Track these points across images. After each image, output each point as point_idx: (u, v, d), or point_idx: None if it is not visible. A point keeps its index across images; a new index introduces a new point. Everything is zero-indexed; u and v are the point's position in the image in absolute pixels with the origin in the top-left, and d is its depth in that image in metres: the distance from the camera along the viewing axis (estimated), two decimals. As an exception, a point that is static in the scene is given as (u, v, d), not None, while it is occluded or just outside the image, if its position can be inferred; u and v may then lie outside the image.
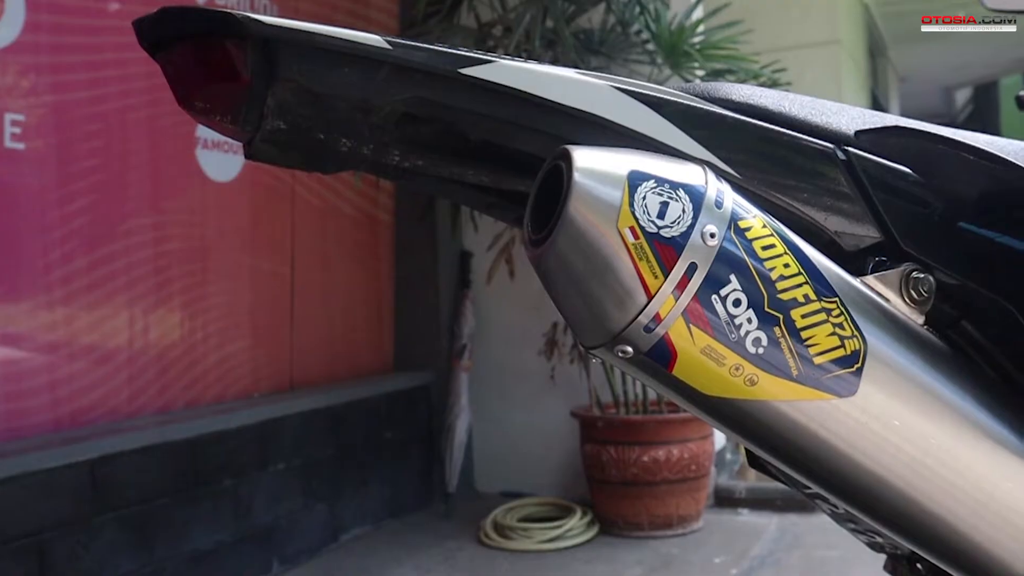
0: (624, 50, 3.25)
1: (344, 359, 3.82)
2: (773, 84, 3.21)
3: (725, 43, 3.18)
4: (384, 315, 4.07)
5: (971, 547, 0.65)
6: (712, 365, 0.57)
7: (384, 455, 3.73)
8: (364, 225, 3.95)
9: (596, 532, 3.44)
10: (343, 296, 3.83)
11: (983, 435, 0.64)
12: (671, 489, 3.32)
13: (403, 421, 3.87)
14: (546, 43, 3.08)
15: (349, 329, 3.88)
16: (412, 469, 3.89)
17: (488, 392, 3.97)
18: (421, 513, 3.85)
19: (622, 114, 0.64)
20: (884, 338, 0.62)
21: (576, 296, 0.58)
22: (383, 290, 4.07)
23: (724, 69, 3.15)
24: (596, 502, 3.50)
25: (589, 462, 3.46)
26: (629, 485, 3.33)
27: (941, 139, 0.67)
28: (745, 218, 0.58)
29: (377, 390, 3.78)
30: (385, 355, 4.06)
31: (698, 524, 3.43)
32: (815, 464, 0.62)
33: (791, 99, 0.72)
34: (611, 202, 0.56)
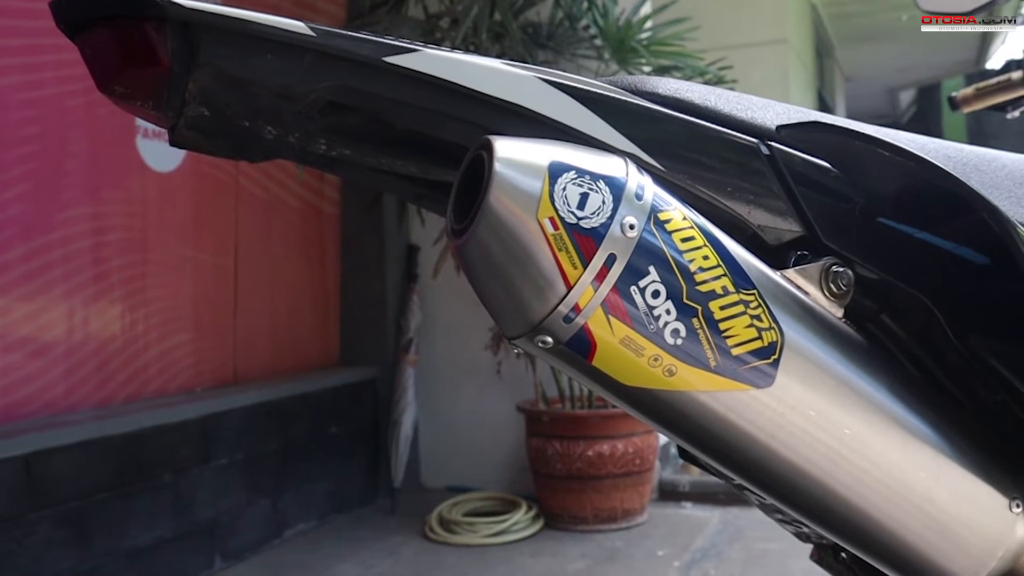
0: (572, 45, 3.25)
1: (289, 353, 3.79)
2: (719, 81, 3.24)
3: (672, 40, 3.20)
4: (330, 309, 4.04)
5: (886, 536, 0.66)
6: (631, 356, 0.58)
7: (329, 450, 3.70)
8: (309, 217, 3.91)
9: (541, 526, 3.45)
10: (288, 289, 3.79)
11: (898, 426, 0.65)
12: (616, 483, 3.34)
13: (348, 416, 3.85)
14: (494, 36, 3.08)
15: (294, 323, 3.84)
16: (357, 464, 3.87)
17: (434, 387, 3.96)
18: (366, 508, 3.83)
19: (547, 105, 0.64)
20: (801, 330, 0.62)
21: (497, 286, 0.58)
22: (329, 283, 4.04)
23: (671, 65, 3.17)
24: (541, 496, 3.51)
25: (534, 456, 3.47)
26: (574, 479, 3.35)
27: (858, 135, 0.68)
28: (665, 210, 0.59)
29: (322, 384, 3.75)
30: (330, 349, 4.03)
31: (642, 518, 3.46)
32: (734, 454, 0.63)
33: (717, 94, 0.72)
34: (531, 192, 0.56)
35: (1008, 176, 0.82)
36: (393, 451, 3.79)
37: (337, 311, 4.07)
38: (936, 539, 0.67)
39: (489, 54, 3.07)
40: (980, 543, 0.68)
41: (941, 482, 0.66)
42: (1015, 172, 0.83)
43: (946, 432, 0.68)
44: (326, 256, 4.01)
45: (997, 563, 0.68)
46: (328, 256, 4.02)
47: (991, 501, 0.68)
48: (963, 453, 0.68)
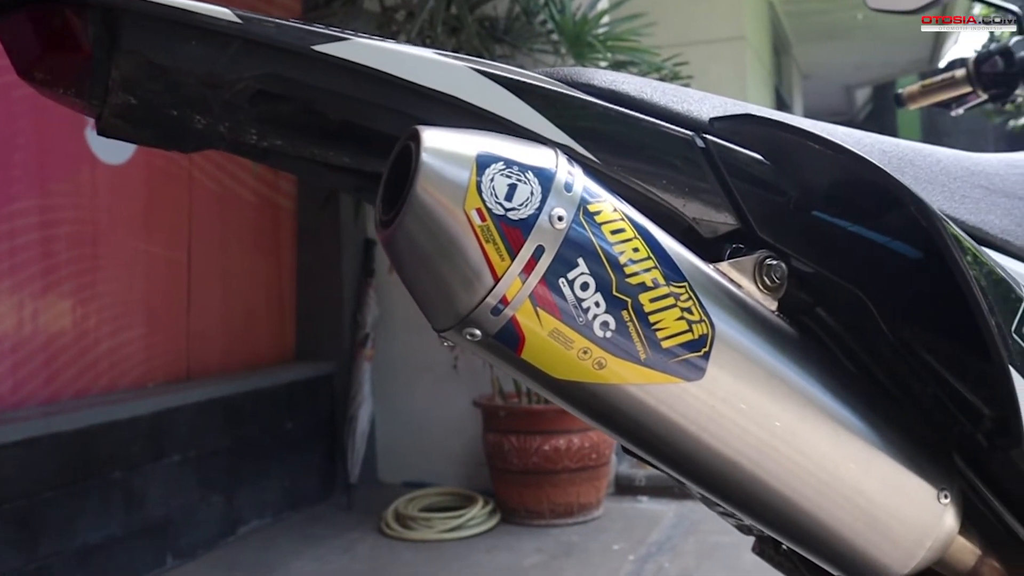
0: (529, 39, 3.25)
1: (243, 348, 3.75)
2: (674, 77, 3.26)
3: (628, 35, 3.21)
4: (285, 303, 4.00)
5: (816, 527, 0.67)
6: (560, 348, 0.57)
7: (284, 446, 3.67)
8: (265, 211, 3.87)
9: (498, 521, 3.45)
10: (243, 284, 3.75)
11: (829, 418, 0.66)
12: (572, 478, 3.35)
13: (304, 411, 3.82)
14: (449, 30, 3.06)
15: (249, 318, 3.80)
16: (313, 460, 3.84)
17: (391, 382, 3.94)
18: (322, 505, 3.80)
19: (480, 96, 0.63)
20: (732, 323, 0.62)
21: (425, 278, 0.57)
22: (284, 278, 4.00)
23: (627, 61, 3.17)
24: (498, 491, 3.51)
25: (491, 451, 3.46)
26: (531, 474, 3.35)
27: (789, 128, 0.68)
28: (595, 202, 0.58)
29: (277, 380, 3.71)
30: (286, 344, 4.00)
31: (598, 512, 3.47)
32: (665, 447, 0.63)
33: (653, 86, 0.72)
34: (458, 183, 0.55)
35: (943, 171, 0.83)
36: (349, 447, 3.77)
37: (293, 306, 4.04)
38: (866, 530, 0.67)
39: (445, 48, 3.05)
40: (909, 534, 0.68)
41: (871, 474, 0.67)
42: (950, 167, 0.84)
43: (877, 424, 0.68)
44: (282, 250, 3.98)
45: (926, 553, 0.69)
46: (284, 250, 3.98)
47: (920, 492, 0.68)
48: (893, 445, 0.68)
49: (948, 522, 0.70)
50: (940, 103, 1.64)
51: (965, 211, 0.80)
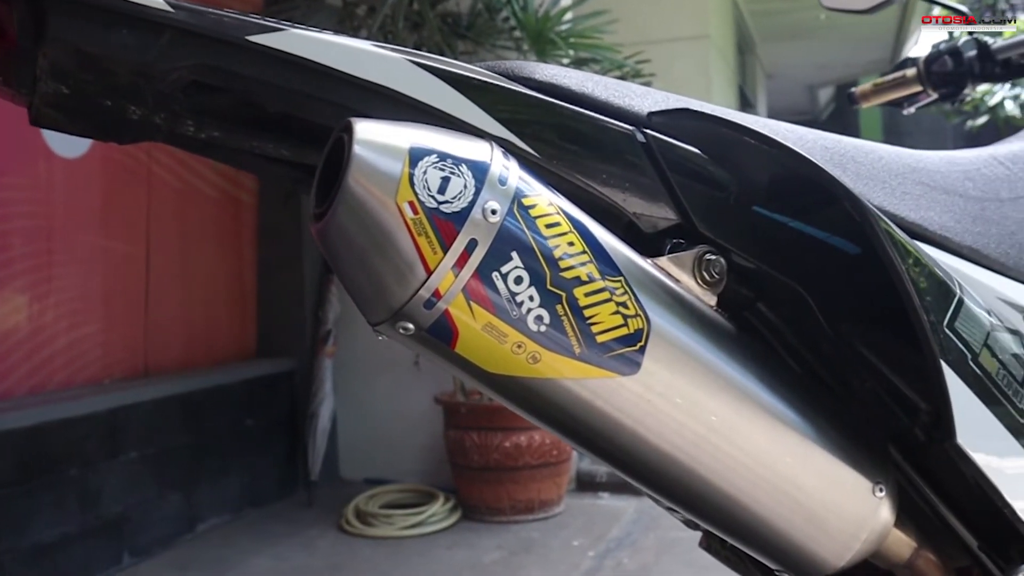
0: (491, 36, 3.24)
1: (203, 344, 3.71)
2: (636, 75, 3.27)
3: (590, 32, 3.21)
4: (246, 300, 3.97)
5: (753, 520, 0.67)
6: (494, 342, 0.57)
7: (244, 443, 3.64)
8: (225, 206, 3.84)
9: (458, 518, 3.45)
10: (202, 280, 3.72)
11: (766, 412, 0.66)
12: (533, 474, 3.35)
13: (265, 408, 3.79)
14: (411, 25, 3.05)
15: (209, 314, 3.76)
16: (274, 457, 3.81)
17: (353, 378, 3.92)
18: (283, 502, 3.78)
19: (418, 89, 0.62)
20: (669, 317, 0.62)
21: (357, 271, 0.57)
22: (245, 274, 3.96)
23: (588, 58, 3.18)
24: (459, 488, 3.51)
25: (452, 448, 3.46)
26: (491, 471, 3.35)
27: (726, 123, 0.68)
28: (530, 196, 0.58)
29: (238, 376, 3.69)
30: (247, 340, 3.96)
31: (559, 508, 3.48)
32: (602, 441, 0.63)
33: (595, 80, 0.72)
34: (390, 175, 0.55)
35: (884, 168, 0.83)
36: (310, 444, 3.75)
37: (254, 302, 4.01)
38: (802, 523, 0.67)
39: (406, 44, 3.04)
40: (845, 527, 0.69)
41: (807, 467, 0.67)
42: (891, 165, 0.85)
43: (814, 418, 0.68)
44: (243, 246, 3.94)
45: (861, 546, 0.70)
46: (245, 246, 3.95)
47: (856, 486, 0.69)
48: (830, 439, 0.69)
49: (883, 515, 0.70)
50: (892, 102, 1.66)
51: (905, 208, 0.81)
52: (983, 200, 0.90)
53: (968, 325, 0.69)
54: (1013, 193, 0.93)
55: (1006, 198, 0.92)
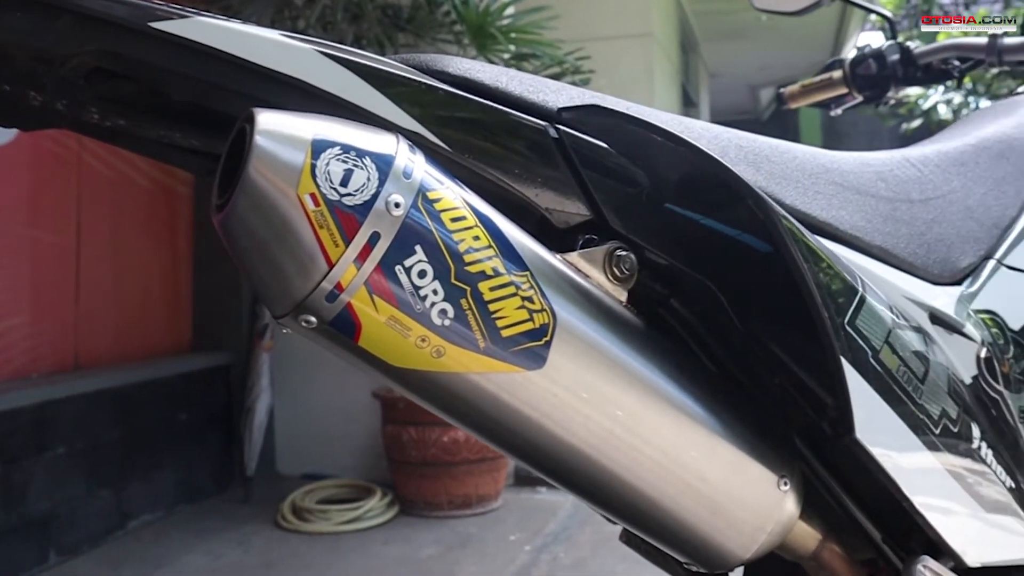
0: (432, 29, 3.23)
1: (136, 338, 3.64)
2: (576, 72, 3.28)
3: (531, 28, 3.21)
4: (181, 292, 3.91)
5: (659, 513, 0.68)
6: (397, 336, 0.57)
7: (178, 438, 3.59)
8: (160, 197, 3.77)
9: (396, 513, 3.44)
10: (136, 272, 3.65)
11: (672, 406, 0.66)
12: (471, 469, 3.35)
13: (200, 402, 3.74)
14: (351, 17, 3.02)
15: (142, 306, 3.70)
16: (209, 452, 3.76)
17: (290, 373, 3.88)
18: (218, 498, 3.73)
19: (327, 80, 0.62)
20: (575, 312, 0.63)
21: (258, 263, 0.56)
22: (181, 266, 3.90)
23: (529, 53, 3.18)
24: (397, 483, 3.50)
25: (390, 443, 3.45)
26: (429, 466, 3.35)
27: (634, 120, 0.68)
28: (435, 189, 0.58)
29: (172, 370, 3.63)
30: (182, 334, 3.90)
31: (497, 503, 3.49)
32: (508, 435, 0.63)
33: (510, 75, 0.72)
34: (292, 167, 0.54)
35: (798, 168, 0.85)
36: (246, 439, 3.71)
37: (189, 295, 3.94)
38: (708, 516, 0.68)
39: (345, 35, 3.02)
40: (750, 519, 0.70)
41: (713, 461, 0.68)
42: (805, 164, 0.86)
43: (721, 413, 0.69)
44: (178, 237, 3.88)
45: (767, 537, 0.71)
46: (180, 237, 3.88)
47: (761, 479, 0.70)
48: (736, 433, 0.70)
49: (788, 508, 0.71)
50: (819, 103, 1.69)
51: (817, 207, 0.82)
52: (894, 201, 0.92)
53: (869, 323, 0.71)
54: (923, 194, 0.96)
55: (916, 199, 0.95)
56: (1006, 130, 1.09)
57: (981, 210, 0.99)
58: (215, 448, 3.79)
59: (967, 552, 0.78)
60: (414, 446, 3.34)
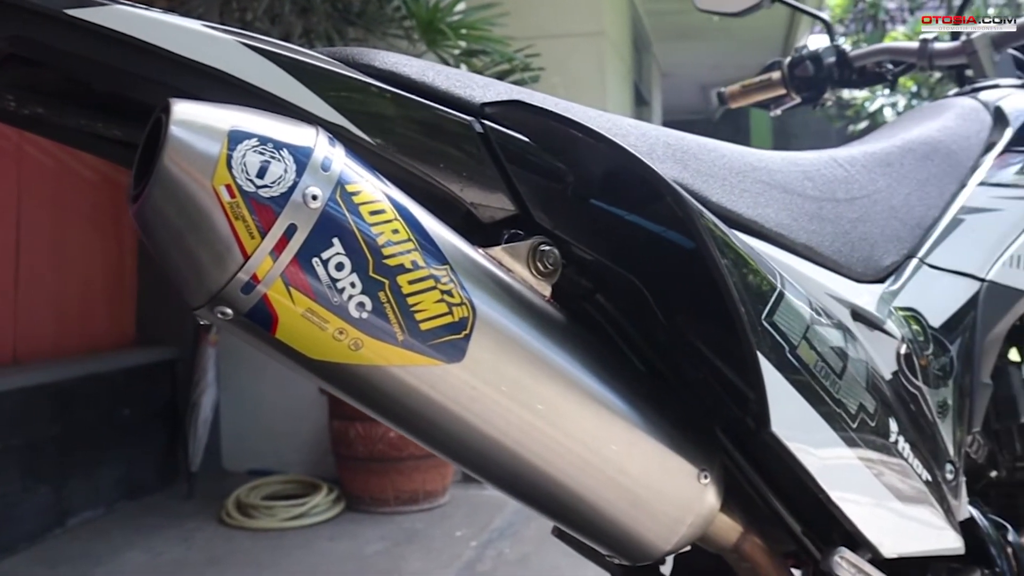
0: (382, 24, 3.21)
1: (78, 331, 3.58)
2: (525, 68, 3.28)
3: (481, 24, 3.21)
4: (125, 285, 3.84)
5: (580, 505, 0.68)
6: (315, 328, 0.57)
7: (121, 434, 3.53)
8: (104, 189, 3.70)
9: (342, 509, 3.42)
10: (78, 264, 3.58)
11: (593, 400, 0.67)
12: (417, 465, 3.35)
13: (143, 397, 3.68)
14: (299, 10, 3.00)
15: (84, 299, 3.63)
16: (152, 448, 3.71)
17: (236, 368, 3.84)
18: (161, 494, 3.68)
19: (249, 71, 0.61)
20: (496, 306, 0.63)
21: (175, 254, 0.56)
22: (125, 258, 3.84)
23: (479, 50, 3.18)
24: (343, 478, 3.48)
25: (337, 438, 3.43)
26: (376, 461, 3.34)
27: (554, 116, 0.69)
28: (354, 182, 0.58)
29: (115, 365, 3.57)
30: (125, 328, 3.84)
31: (444, 499, 3.49)
32: (429, 428, 0.63)
33: (436, 70, 0.72)
34: (207, 158, 0.54)
35: (725, 166, 0.86)
36: (191, 434, 3.65)
37: (134, 288, 3.88)
38: (628, 508, 0.69)
39: (294, 29, 2.99)
40: (670, 511, 0.71)
41: (633, 454, 0.69)
42: (733, 162, 0.88)
43: (642, 407, 0.70)
44: (122, 229, 3.81)
45: (687, 530, 0.72)
46: (124, 229, 3.82)
47: (681, 472, 0.71)
48: (657, 427, 0.71)
49: (709, 500, 0.73)
50: (759, 103, 1.71)
51: (743, 204, 0.84)
52: (820, 199, 0.94)
53: (788, 319, 0.72)
54: (849, 194, 0.98)
55: (842, 198, 0.96)
56: (931, 132, 1.12)
57: (905, 210, 1.01)
58: (159, 444, 3.74)
59: (883, 543, 0.80)
60: (361, 442, 3.33)
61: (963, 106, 1.20)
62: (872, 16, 9.13)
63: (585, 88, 5.83)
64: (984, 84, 1.31)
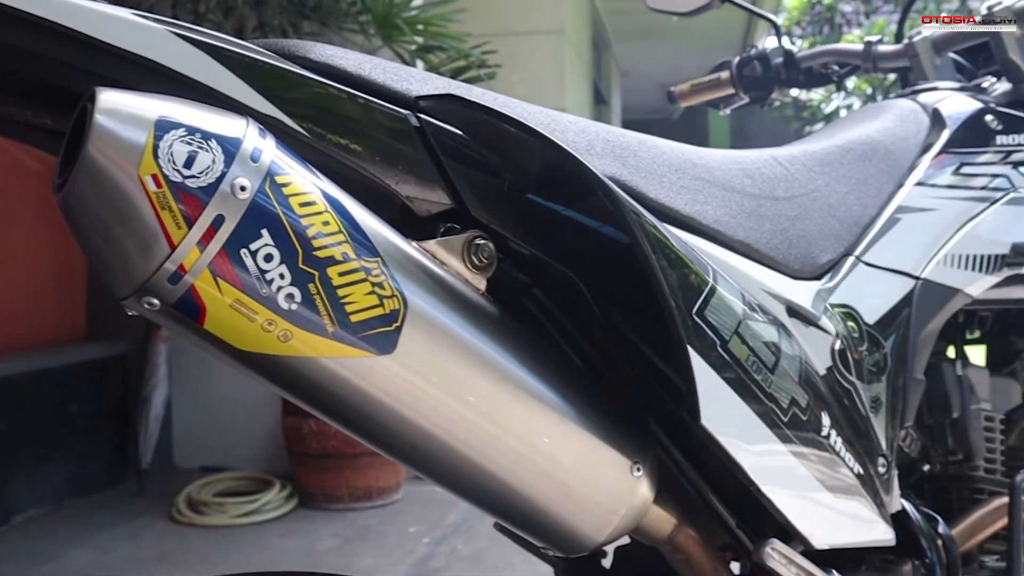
0: (337, 18, 3.20)
1: (26, 326, 3.52)
2: (482, 65, 3.28)
3: (437, 20, 3.21)
4: (75, 280, 3.79)
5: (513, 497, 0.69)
6: (243, 319, 0.57)
7: (69, 430, 3.48)
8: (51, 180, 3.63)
9: (295, 505, 3.40)
10: (26, 257, 3.52)
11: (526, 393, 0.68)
12: (371, 461, 3.34)
13: (93, 393, 3.63)
14: (253, 3, 2.97)
15: (33, 293, 3.57)
16: (102, 445, 3.66)
17: (189, 363, 3.80)
18: (111, 491, 3.64)
19: (181, 62, 0.61)
20: (428, 299, 0.63)
21: (100, 244, 0.56)
22: (75, 253, 3.77)
23: (435, 45, 3.18)
24: (296, 475, 3.46)
25: (290, 435, 3.41)
26: (329, 458, 3.32)
27: (487, 110, 0.69)
28: (284, 174, 0.58)
29: (64, 360, 3.52)
30: (75, 322, 3.78)
31: (398, 495, 3.48)
32: (360, 419, 0.63)
33: (374, 63, 0.72)
34: (133, 147, 0.54)
35: (664, 163, 0.87)
36: (142, 430, 3.62)
37: (84, 282, 3.82)
38: (561, 499, 0.70)
39: (247, 22, 2.96)
40: (603, 503, 0.72)
41: (566, 446, 0.69)
42: (673, 159, 0.89)
43: (575, 400, 0.71)
44: (72, 223, 3.75)
45: (621, 521, 0.73)
46: (74, 223, 3.76)
47: (614, 465, 0.72)
48: (590, 420, 0.71)
49: (642, 493, 0.73)
50: (708, 102, 1.73)
51: (681, 201, 0.85)
52: (759, 197, 0.95)
53: (719, 313, 0.73)
54: (788, 192, 0.99)
55: (781, 196, 0.98)
56: (871, 133, 1.14)
57: (843, 209, 1.03)
58: (109, 440, 3.69)
59: (814, 535, 0.81)
60: (314, 438, 3.31)
61: (902, 108, 1.22)
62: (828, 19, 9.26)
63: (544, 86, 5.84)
64: (924, 87, 1.34)
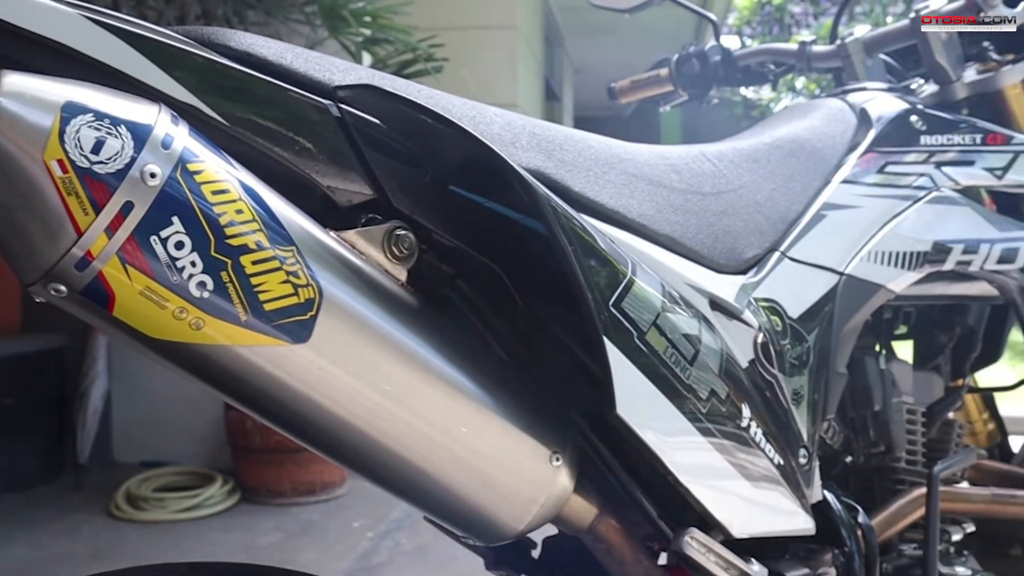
0: (283, 9, 3.17)
1: (-40, 318, 3.45)
2: (429, 59, 3.27)
3: (385, 12, 3.19)
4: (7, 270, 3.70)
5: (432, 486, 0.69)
6: (154, 307, 0.56)
7: (4, 424, 3.41)
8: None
9: (237, 500, 3.37)
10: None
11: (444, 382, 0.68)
12: (315, 456, 3.25)
13: (29, 387, 3.56)
14: (197, -9, 2.94)
15: (-33, 284, 3.50)
16: (38, 439, 3.59)
17: (129, 357, 3.74)
18: (47, 487, 3.57)
19: (93, 46, 0.60)
20: (344, 288, 0.63)
21: (5, 229, 0.55)
22: (11, 243, 3.70)
23: (381, 38, 3.16)
24: (239, 470, 3.43)
25: (233, 429, 3.37)
26: (272, 452, 3.29)
27: (404, 101, 0.69)
28: (197, 161, 0.58)
29: (-1, 352, 3.45)
30: (10, 314, 3.70)
31: (342, 490, 3.47)
32: (276, 408, 0.63)
33: (296, 52, 0.71)
34: (38, 131, 0.53)
35: (591, 157, 0.88)
36: (79, 425, 3.56)
37: (20, 273, 3.74)
38: (479, 488, 0.70)
39: (191, 10, 2.93)
40: (522, 491, 0.72)
41: (484, 435, 0.70)
42: (600, 153, 0.89)
43: (495, 389, 0.71)
44: (9, 213, 3.67)
45: (540, 510, 0.73)
46: (11, 213, 3.68)
47: (532, 454, 0.72)
48: (509, 409, 0.72)
49: (561, 482, 0.74)
50: (648, 98, 1.74)
51: (606, 195, 0.86)
52: (686, 192, 0.96)
53: (637, 305, 0.74)
54: (716, 188, 1.00)
55: (708, 192, 0.99)
56: (798, 131, 1.16)
57: (769, 205, 1.05)
58: (45, 435, 3.62)
59: (733, 524, 0.82)
60: (257, 432, 3.28)
61: (831, 107, 1.24)
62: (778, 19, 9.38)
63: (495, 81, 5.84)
64: (853, 87, 1.36)
